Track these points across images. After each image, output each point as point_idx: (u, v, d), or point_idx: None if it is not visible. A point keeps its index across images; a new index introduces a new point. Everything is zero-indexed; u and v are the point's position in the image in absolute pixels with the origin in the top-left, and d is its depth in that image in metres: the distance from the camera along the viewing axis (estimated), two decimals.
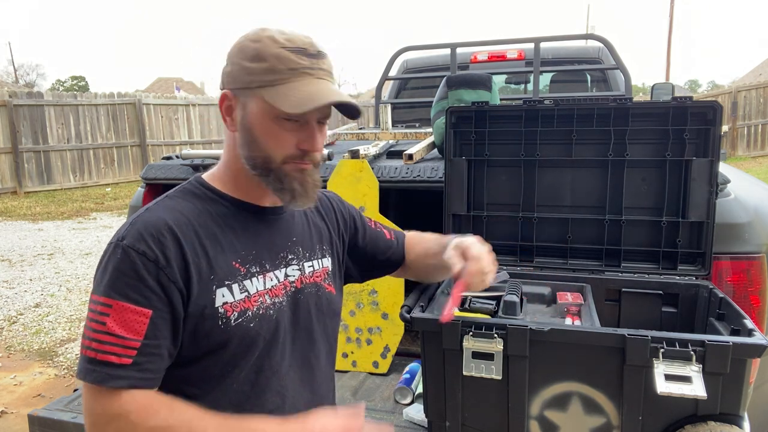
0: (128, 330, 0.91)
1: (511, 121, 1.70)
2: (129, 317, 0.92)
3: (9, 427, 3.02)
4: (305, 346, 1.13)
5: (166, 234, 0.97)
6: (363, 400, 1.99)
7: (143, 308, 0.92)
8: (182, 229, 0.99)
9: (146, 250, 0.94)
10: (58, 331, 4.43)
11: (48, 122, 12.00)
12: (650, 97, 2.42)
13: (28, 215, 9.73)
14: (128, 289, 0.93)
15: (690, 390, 1.09)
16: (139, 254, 0.94)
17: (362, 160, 2.13)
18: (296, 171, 1.03)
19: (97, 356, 0.90)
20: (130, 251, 0.94)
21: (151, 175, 2.41)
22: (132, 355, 0.91)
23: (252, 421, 0.94)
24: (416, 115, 4.13)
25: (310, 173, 1.05)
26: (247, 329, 1.01)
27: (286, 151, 1.02)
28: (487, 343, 1.23)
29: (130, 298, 0.92)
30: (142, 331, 0.92)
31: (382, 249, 1.36)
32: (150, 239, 0.95)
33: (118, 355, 0.90)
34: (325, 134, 1.07)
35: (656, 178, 1.63)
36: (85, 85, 45.59)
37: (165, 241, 0.96)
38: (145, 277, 0.93)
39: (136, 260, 0.93)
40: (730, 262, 1.67)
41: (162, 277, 0.94)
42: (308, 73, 0.99)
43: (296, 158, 1.02)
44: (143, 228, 0.97)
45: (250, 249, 1.06)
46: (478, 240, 1.22)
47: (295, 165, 1.03)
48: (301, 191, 1.04)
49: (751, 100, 15.96)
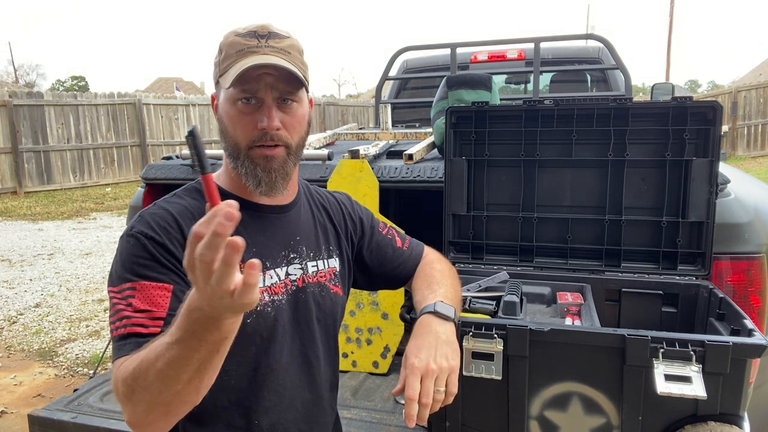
0: (153, 304, 0.94)
1: (511, 121, 1.70)
2: (152, 293, 0.94)
3: (9, 427, 3.02)
4: (305, 345, 1.13)
5: (172, 224, 1.00)
6: (363, 400, 1.99)
7: (164, 284, 0.95)
8: (186, 222, 1.01)
9: (154, 236, 0.98)
10: (58, 331, 4.43)
11: (48, 122, 12.00)
12: (650, 97, 2.42)
13: (28, 215, 9.73)
14: (146, 270, 0.96)
15: (690, 390, 1.09)
16: (149, 239, 0.97)
17: (362, 160, 2.13)
18: (261, 157, 1.03)
19: (126, 330, 0.92)
20: (140, 237, 0.98)
21: (151, 175, 2.41)
22: (159, 325, 0.92)
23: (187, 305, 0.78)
24: (416, 115, 4.13)
25: (279, 161, 1.04)
26: (243, 325, 1.01)
27: (248, 134, 1.02)
28: (487, 344, 1.23)
29: (150, 277, 0.95)
30: (166, 304, 0.94)
31: (389, 258, 1.29)
32: (157, 227, 0.99)
33: (146, 326, 0.92)
34: (299, 115, 1.06)
35: (656, 178, 1.62)
36: (85, 85, 45.58)
37: (170, 229, 1.00)
38: (158, 257, 0.97)
39: (147, 243, 0.97)
40: (730, 262, 1.67)
41: (171, 259, 0.97)
42: (253, 51, 1.01)
43: (259, 141, 1.02)
44: (150, 218, 1.00)
45: (251, 247, 1.06)
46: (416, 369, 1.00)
47: (260, 151, 1.03)
48: (266, 178, 1.04)
49: (751, 100, 15.96)
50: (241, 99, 1.01)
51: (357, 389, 2.07)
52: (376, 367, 2.19)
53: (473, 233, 1.78)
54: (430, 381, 0.99)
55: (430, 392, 0.98)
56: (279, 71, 1.00)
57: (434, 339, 1.04)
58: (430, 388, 0.98)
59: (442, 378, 1.00)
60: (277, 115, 1.02)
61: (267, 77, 1.00)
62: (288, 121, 1.04)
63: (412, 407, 0.96)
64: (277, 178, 1.05)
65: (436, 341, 1.04)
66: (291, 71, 1.00)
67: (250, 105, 1.02)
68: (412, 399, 0.97)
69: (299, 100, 1.06)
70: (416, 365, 1.00)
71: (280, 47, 1.03)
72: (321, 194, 1.27)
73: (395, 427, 1.80)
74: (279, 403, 1.08)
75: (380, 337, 2.19)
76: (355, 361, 2.21)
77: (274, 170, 1.04)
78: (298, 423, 1.11)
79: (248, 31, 1.02)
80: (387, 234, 1.32)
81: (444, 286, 1.20)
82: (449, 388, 1.01)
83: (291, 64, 1.02)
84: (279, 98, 1.03)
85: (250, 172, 1.04)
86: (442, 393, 1.00)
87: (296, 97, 1.05)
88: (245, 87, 1.00)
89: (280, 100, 1.03)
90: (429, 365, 1.00)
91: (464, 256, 1.79)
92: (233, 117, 1.03)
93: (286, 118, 1.03)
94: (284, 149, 1.04)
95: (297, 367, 1.11)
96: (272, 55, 1.01)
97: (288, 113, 1.04)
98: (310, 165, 2.23)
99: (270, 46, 1.02)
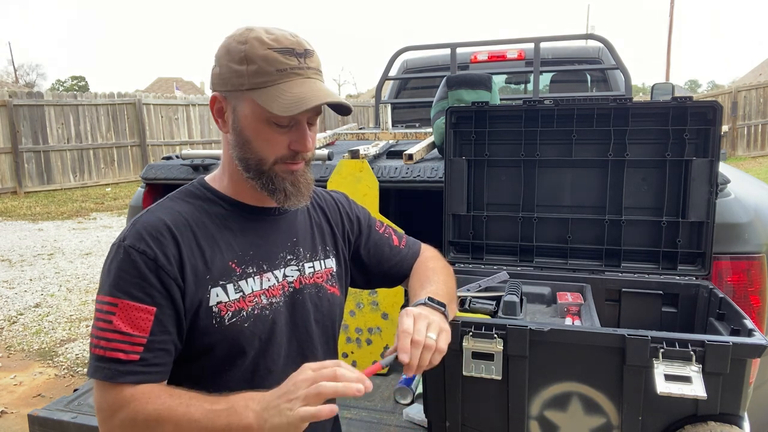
0: (134, 327, 0.93)
1: (511, 121, 1.70)
2: (134, 315, 0.94)
3: (9, 427, 3.02)
4: (303, 346, 1.13)
5: (165, 233, 0.99)
6: (363, 400, 1.99)
7: (147, 306, 0.94)
8: (180, 229, 1.01)
9: (146, 249, 0.96)
10: (58, 331, 4.43)
11: (48, 122, 12.00)
12: (650, 97, 2.42)
13: (28, 215, 9.73)
14: (132, 288, 0.94)
15: (690, 390, 1.09)
16: (140, 253, 0.96)
17: (362, 160, 2.13)
18: (287, 172, 1.04)
19: (106, 354, 0.93)
20: (131, 250, 0.96)
21: (151, 175, 2.41)
22: (139, 351, 0.93)
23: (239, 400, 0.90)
24: (416, 115, 4.13)
25: (302, 173, 1.06)
26: (241, 329, 1.02)
27: (278, 153, 1.02)
28: (487, 344, 1.23)
29: (134, 297, 0.94)
30: (148, 327, 0.94)
31: (387, 256, 1.30)
32: (149, 238, 0.97)
33: (126, 351, 0.92)
34: (316, 132, 1.08)
35: (656, 178, 1.62)
36: (85, 85, 45.58)
37: (164, 240, 0.98)
38: (146, 275, 0.95)
39: (137, 259, 0.96)
40: (730, 262, 1.67)
41: (162, 274, 0.96)
42: (297, 73, 0.99)
43: (287, 159, 1.03)
44: (143, 228, 0.99)
45: (248, 250, 1.07)
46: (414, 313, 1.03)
47: (286, 166, 1.03)
48: (293, 191, 1.05)
49: (751, 100, 15.96)
50: (276, 119, 1.00)
51: None
52: None
53: (473, 233, 1.78)
54: (422, 323, 0.99)
55: (423, 331, 0.98)
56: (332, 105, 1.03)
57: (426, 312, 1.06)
58: (423, 328, 0.98)
59: (434, 327, 1.00)
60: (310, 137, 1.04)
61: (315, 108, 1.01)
62: (312, 140, 1.06)
63: (406, 339, 0.96)
64: (305, 189, 1.07)
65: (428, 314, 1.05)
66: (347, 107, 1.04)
67: (282, 124, 1.01)
68: (407, 332, 0.97)
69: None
70: (409, 310, 1.03)
71: (317, 68, 1.03)
72: (318, 194, 1.27)
73: (395, 427, 1.80)
74: None
75: (380, 337, 2.19)
76: (355, 361, 2.21)
77: (301, 183, 1.06)
78: None
79: (283, 47, 0.99)
80: (384, 233, 1.32)
81: (435, 283, 1.20)
82: (439, 344, 0.99)
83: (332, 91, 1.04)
84: (310, 118, 1.04)
85: (278, 187, 1.04)
86: (433, 340, 0.98)
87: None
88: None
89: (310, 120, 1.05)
90: (421, 312, 1.03)
91: (464, 256, 1.79)
92: (262, 133, 1.01)
93: (311, 137, 1.05)
94: (304, 163, 1.06)
95: (295, 368, 1.11)
96: (316, 79, 1.02)
97: (312, 131, 1.06)
98: None
99: (310, 67, 1.01)
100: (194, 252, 1.01)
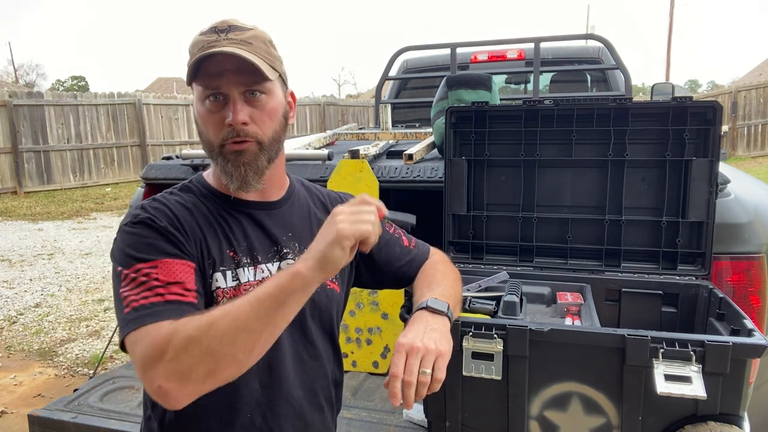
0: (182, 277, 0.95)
1: (511, 121, 1.70)
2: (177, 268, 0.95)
3: (9, 427, 3.02)
4: (298, 341, 1.12)
5: (170, 213, 1.01)
6: (363, 400, 1.99)
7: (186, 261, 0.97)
8: (182, 213, 1.02)
9: (163, 220, 0.99)
10: (58, 331, 4.43)
11: (48, 122, 11.99)
12: (650, 97, 2.42)
13: (28, 215, 9.73)
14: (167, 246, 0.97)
15: (690, 390, 1.09)
16: (159, 221, 0.98)
17: (362, 160, 2.13)
18: (231, 153, 1.02)
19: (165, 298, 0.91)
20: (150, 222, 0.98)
21: (151, 175, 2.41)
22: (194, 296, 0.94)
23: (281, 273, 0.90)
24: (416, 115, 4.13)
25: (249, 156, 1.02)
26: None
27: (218, 132, 1.01)
28: (487, 344, 1.23)
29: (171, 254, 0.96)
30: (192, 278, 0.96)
31: (397, 255, 1.28)
32: (160, 215, 1.00)
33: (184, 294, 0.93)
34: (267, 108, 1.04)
35: (656, 178, 1.62)
36: (85, 85, 45.61)
37: (172, 217, 1.01)
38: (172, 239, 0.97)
39: (159, 228, 0.97)
40: (730, 262, 1.67)
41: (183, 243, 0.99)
42: (213, 46, 0.99)
43: (229, 138, 1.01)
44: (150, 208, 1.01)
45: (242, 241, 1.07)
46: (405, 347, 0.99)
47: (231, 146, 1.02)
48: (235, 173, 1.02)
49: (751, 100, 15.95)
50: (209, 97, 1.00)
51: (357, 389, 2.07)
52: (376, 367, 2.19)
53: (473, 233, 1.78)
54: (414, 359, 0.96)
55: (414, 371, 0.94)
56: (238, 64, 0.98)
57: (423, 326, 1.03)
58: (415, 366, 0.94)
59: (429, 359, 0.96)
60: (245, 110, 1.00)
61: (229, 73, 0.98)
62: (257, 116, 1.02)
63: (395, 384, 0.94)
64: (247, 173, 1.03)
65: (425, 327, 1.02)
66: (247, 60, 0.98)
67: (218, 102, 1.00)
68: (396, 376, 0.94)
69: (269, 92, 1.03)
70: (401, 342, 0.98)
71: (240, 39, 1.00)
72: (323, 193, 1.27)
73: (395, 427, 1.80)
74: (273, 397, 1.08)
75: (380, 337, 2.19)
76: (355, 361, 2.21)
77: (244, 164, 1.02)
78: (292, 419, 1.11)
79: (209, 27, 1.01)
80: (394, 233, 1.31)
81: (442, 285, 1.19)
82: (436, 374, 0.96)
83: (252, 54, 0.99)
84: (246, 92, 1.01)
85: (223, 168, 1.03)
86: (427, 375, 0.95)
87: (264, 89, 1.02)
88: (208, 83, 0.99)
89: (248, 94, 1.01)
90: (414, 343, 0.97)
91: (464, 256, 1.79)
92: (203, 115, 1.03)
93: (255, 113, 1.02)
94: (255, 144, 1.02)
95: (291, 362, 1.11)
96: (229, 47, 0.98)
97: (257, 107, 1.02)
98: (310, 165, 2.23)
99: (229, 38, 1.00)
100: (197, 235, 1.02)
